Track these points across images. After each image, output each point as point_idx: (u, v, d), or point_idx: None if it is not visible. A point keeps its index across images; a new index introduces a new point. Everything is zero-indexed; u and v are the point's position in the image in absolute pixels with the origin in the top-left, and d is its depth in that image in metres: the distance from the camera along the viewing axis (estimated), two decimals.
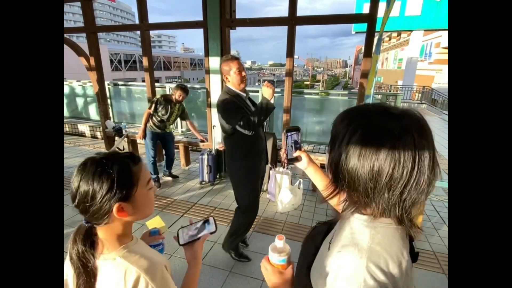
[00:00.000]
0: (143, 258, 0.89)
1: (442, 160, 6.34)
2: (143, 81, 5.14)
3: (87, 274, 0.86)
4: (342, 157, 0.68)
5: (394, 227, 0.68)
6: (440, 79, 21.11)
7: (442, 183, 4.89)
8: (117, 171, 0.85)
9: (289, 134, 1.13)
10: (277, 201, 3.95)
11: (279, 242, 0.84)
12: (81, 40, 8.71)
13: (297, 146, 1.14)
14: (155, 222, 1.24)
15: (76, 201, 0.85)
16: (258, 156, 2.56)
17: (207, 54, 4.33)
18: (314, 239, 0.87)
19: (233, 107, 2.33)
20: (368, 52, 3.83)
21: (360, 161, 0.64)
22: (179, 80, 46.69)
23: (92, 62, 5.16)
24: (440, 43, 22.03)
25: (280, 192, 3.96)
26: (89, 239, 0.87)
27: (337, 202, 0.80)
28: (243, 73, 2.37)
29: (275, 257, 0.84)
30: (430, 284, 2.57)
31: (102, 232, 0.89)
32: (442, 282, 2.60)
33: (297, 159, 1.14)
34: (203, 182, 4.63)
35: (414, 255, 0.71)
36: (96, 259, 0.87)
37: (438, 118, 12.57)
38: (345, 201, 0.74)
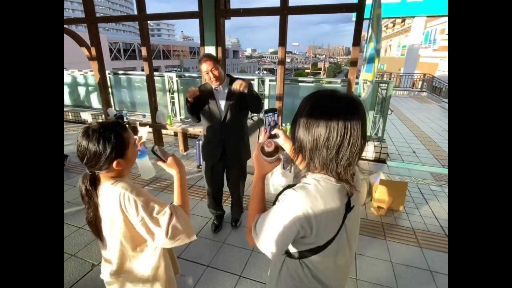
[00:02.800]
0: (128, 184, 1.24)
1: (434, 147, 6.60)
2: (143, 70, 5.38)
3: (93, 205, 1.26)
4: (296, 127, 0.98)
5: (334, 184, 0.97)
6: (444, 67, 21.01)
7: (430, 168, 5.18)
8: (115, 138, 1.20)
9: (267, 114, 1.31)
10: (269, 184, 4.25)
11: (268, 148, 1.10)
12: (79, 29, 8.90)
13: (275, 125, 1.34)
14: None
15: (85, 160, 1.20)
16: (211, 145, 2.93)
17: (202, 43, 4.57)
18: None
19: (185, 100, 2.78)
20: (356, 41, 4.05)
21: (306, 129, 0.94)
22: (179, 69, 46.71)
23: (94, 52, 5.40)
24: (445, 29, 21.94)
25: (272, 176, 4.25)
26: (93, 182, 1.25)
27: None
28: (211, 74, 2.60)
29: (262, 153, 1.12)
30: (406, 256, 2.89)
31: (102, 175, 1.26)
32: (417, 255, 2.93)
33: (275, 136, 1.33)
34: (200, 166, 4.93)
35: (349, 207, 1.01)
36: (97, 190, 1.26)
37: (437, 106, 12.71)
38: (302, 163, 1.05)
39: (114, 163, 1.22)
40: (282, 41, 4.29)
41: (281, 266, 1.19)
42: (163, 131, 6.24)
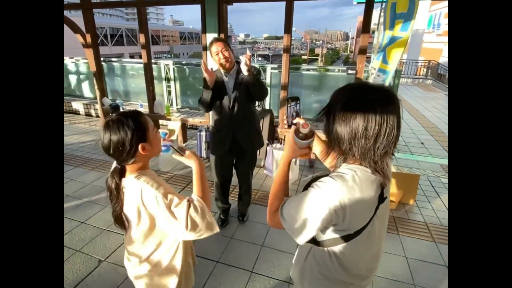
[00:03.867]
0: (149, 177, 1.31)
1: (443, 138, 6.67)
2: (131, 56, 5.34)
3: (119, 200, 1.32)
4: (331, 121, 1.02)
5: (369, 175, 1.01)
6: None
7: (440, 160, 5.25)
8: (133, 122, 1.27)
9: (290, 104, 1.38)
10: (274, 177, 4.28)
11: (304, 129, 1.13)
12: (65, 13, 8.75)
13: (296, 114, 1.39)
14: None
15: (112, 151, 1.26)
16: (220, 134, 2.96)
17: (204, 30, 4.55)
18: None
19: (204, 84, 2.79)
20: (366, 27, 4.05)
21: (343, 121, 0.98)
22: (169, 55, 46.32)
23: (89, 39, 5.33)
24: None
25: (277, 169, 4.28)
26: (121, 175, 1.32)
27: (330, 161, 1.27)
28: (220, 55, 2.64)
29: (296, 135, 1.16)
30: (421, 251, 2.97)
31: (129, 167, 1.33)
32: (431, 250, 3.01)
33: (296, 125, 1.35)
34: (201, 158, 4.93)
35: (382, 198, 1.06)
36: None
37: (443, 95, 12.77)
38: (337, 156, 1.09)
39: (140, 147, 1.27)
40: (288, 28, 4.28)
41: (307, 253, 1.25)
42: (160, 122, 6.22)
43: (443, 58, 19.71)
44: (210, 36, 4.55)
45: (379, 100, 0.95)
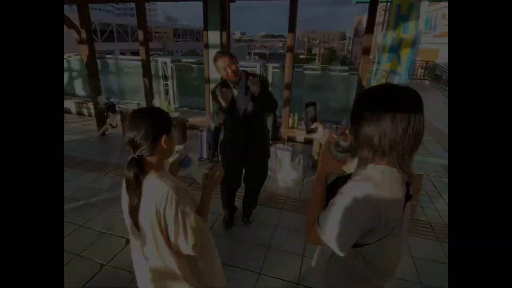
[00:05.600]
0: (171, 181, 1.33)
1: (443, 139, 6.74)
2: (122, 53, 5.33)
3: (139, 194, 1.30)
4: (358, 123, 1.06)
5: (396, 173, 1.06)
6: (446, 54, 20.97)
7: (441, 160, 5.33)
8: (164, 113, 1.39)
9: (308, 108, 1.42)
10: (278, 177, 4.34)
11: (343, 142, 1.17)
12: None
13: (314, 118, 1.44)
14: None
15: (135, 134, 1.27)
16: (232, 145, 3.00)
17: (206, 28, 4.58)
18: (336, 184, 1.26)
19: (213, 97, 2.84)
20: (370, 27, 4.12)
21: (373, 121, 1.02)
22: (162, 53, 46.07)
23: (84, 34, 5.33)
24: (446, 14, 22.06)
25: (281, 169, 4.34)
26: (141, 167, 1.31)
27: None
28: (228, 70, 2.66)
29: (332, 147, 1.20)
30: (425, 250, 3.05)
31: (147, 161, 1.33)
32: (436, 249, 3.08)
33: (313, 130, 1.43)
34: (202, 159, 4.98)
35: (408, 196, 1.10)
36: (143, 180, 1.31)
37: (441, 96, 12.89)
38: (363, 157, 1.13)
39: (163, 137, 1.31)
40: (292, 27, 4.35)
41: (330, 256, 1.27)
42: None
43: (440, 59, 19.88)
44: (212, 34, 4.59)
45: (406, 99, 1.00)
